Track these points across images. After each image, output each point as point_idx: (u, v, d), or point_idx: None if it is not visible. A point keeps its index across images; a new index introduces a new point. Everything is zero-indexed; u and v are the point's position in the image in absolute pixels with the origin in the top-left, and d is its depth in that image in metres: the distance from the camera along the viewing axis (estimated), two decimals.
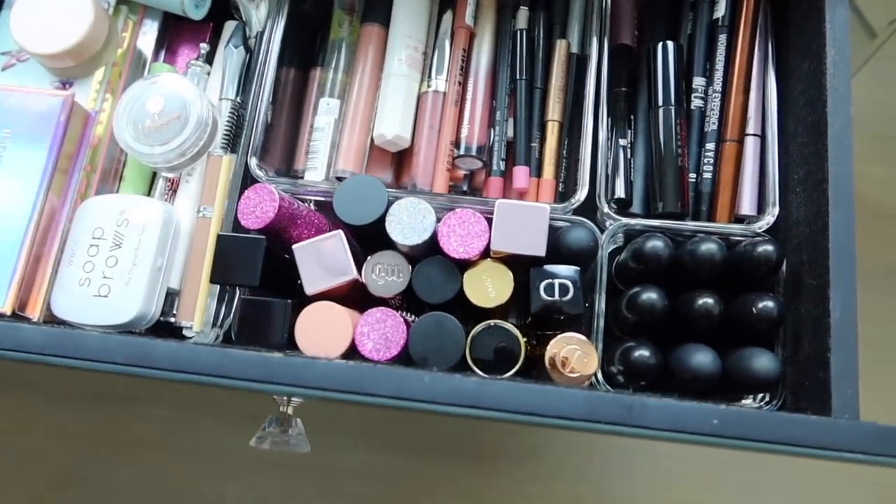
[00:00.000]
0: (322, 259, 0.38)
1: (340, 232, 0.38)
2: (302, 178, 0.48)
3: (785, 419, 0.32)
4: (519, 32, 0.48)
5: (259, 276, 0.38)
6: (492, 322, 0.38)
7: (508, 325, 0.38)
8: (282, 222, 0.40)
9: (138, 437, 0.66)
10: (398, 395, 0.33)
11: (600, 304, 0.41)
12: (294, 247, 0.38)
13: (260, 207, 0.39)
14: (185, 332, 0.45)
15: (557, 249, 0.40)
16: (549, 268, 0.39)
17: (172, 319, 0.45)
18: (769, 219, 0.42)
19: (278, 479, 0.64)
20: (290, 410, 0.41)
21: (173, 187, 0.48)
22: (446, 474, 0.65)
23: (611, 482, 0.65)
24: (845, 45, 0.39)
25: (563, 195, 0.47)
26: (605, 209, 0.43)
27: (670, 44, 0.45)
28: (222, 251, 0.40)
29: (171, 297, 0.45)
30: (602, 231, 0.43)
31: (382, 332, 0.38)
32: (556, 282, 0.39)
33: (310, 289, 0.38)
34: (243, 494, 0.64)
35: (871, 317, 0.90)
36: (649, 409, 0.32)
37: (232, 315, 0.44)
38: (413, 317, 0.43)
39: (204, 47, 0.51)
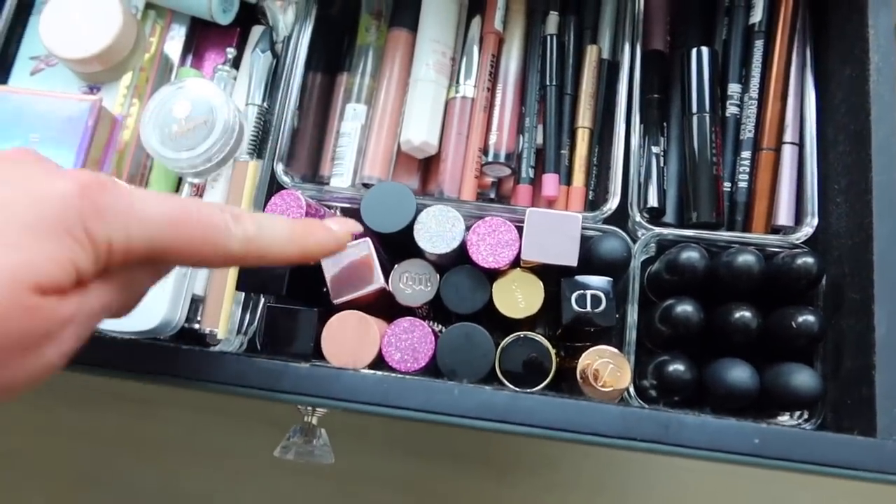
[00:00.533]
0: (349, 267, 0.37)
1: (368, 240, 0.38)
2: (328, 184, 0.48)
3: (829, 439, 0.31)
4: (549, 37, 0.47)
5: (286, 284, 0.38)
6: (522, 334, 0.37)
7: (539, 337, 0.37)
8: None
9: (158, 439, 0.65)
10: (426, 408, 0.32)
11: (632, 315, 0.40)
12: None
13: (287, 214, 0.39)
14: (209, 340, 0.44)
15: (589, 259, 0.39)
16: (580, 278, 0.38)
17: (197, 326, 0.45)
18: (808, 230, 0.40)
19: (298, 484, 0.64)
20: (314, 420, 0.41)
21: (199, 192, 0.48)
22: (464, 482, 0.64)
23: (628, 494, 0.64)
24: (890, 51, 0.38)
25: (593, 203, 0.46)
26: (638, 218, 0.42)
27: (705, 49, 0.44)
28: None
29: (195, 303, 0.45)
30: (634, 241, 0.42)
31: (410, 342, 0.37)
32: (588, 293, 0.38)
33: (336, 297, 0.37)
34: (263, 498, 0.64)
35: None
36: (687, 426, 0.31)
37: (257, 323, 0.44)
38: (440, 326, 0.42)
39: (231, 52, 0.51)
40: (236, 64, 0.51)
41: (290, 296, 0.39)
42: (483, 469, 0.64)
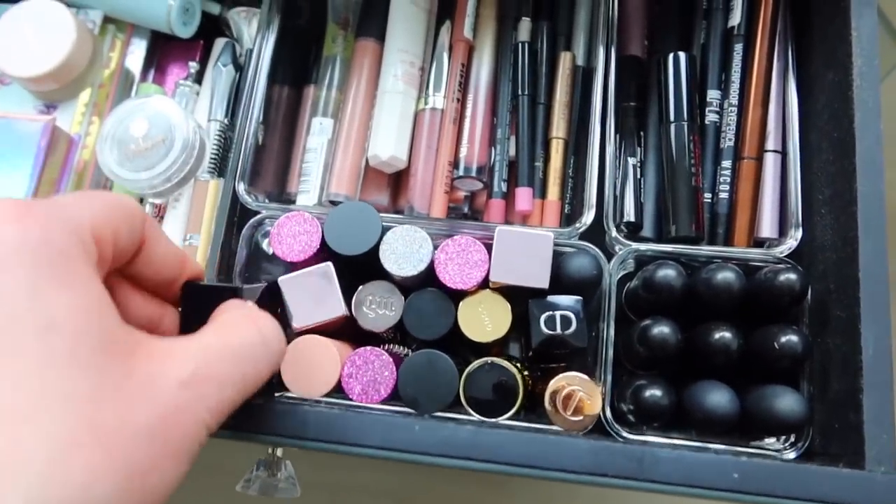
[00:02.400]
0: (310, 293, 0.36)
1: (329, 265, 0.36)
2: (293, 202, 0.46)
3: (814, 472, 0.29)
4: (521, 45, 0.45)
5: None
6: (488, 359, 0.35)
7: (506, 363, 0.35)
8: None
9: None
10: (385, 445, 0.30)
11: (608, 334, 0.38)
12: (280, 279, 0.36)
13: (298, 236, 0.37)
14: None
15: (559, 278, 0.37)
16: (550, 299, 0.36)
17: None
18: (791, 243, 0.39)
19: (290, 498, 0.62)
20: (279, 453, 0.39)
21: (160, 213, 0.46)
22: (460, 493, 0.62)
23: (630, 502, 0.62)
24: (873, 55, 0.36)
25: (569, 217, 0.44)
26: (614, 233, 0.40)
27: (682, 55, 0.42)
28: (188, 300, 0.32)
29: None
30: (610, 256, 0.40)
31: (371, 374, 0.35)
32: (558, 314, 0.36)
33: (298, 323, 0.36)
34: None
35: None
36: (661, 461, 0.29)
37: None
38: (406, 350, 0.40)
39: (193, 66, 0.49)
40: (199, 78, 0.50)
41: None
42: (480, 480, 0.63)
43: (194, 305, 0.30)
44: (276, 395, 0.35)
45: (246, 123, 0.45)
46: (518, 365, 0.37)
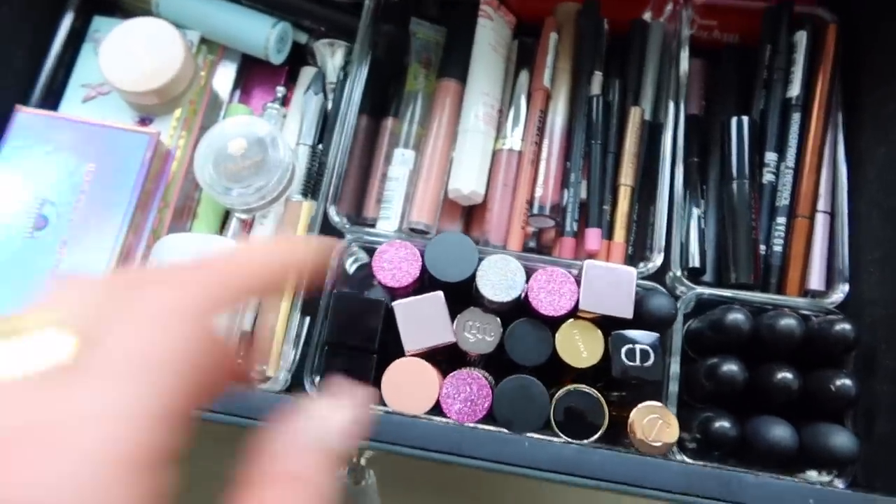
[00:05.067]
0: (421, 318, 0.38)
1: (440, 293, 0.39)
2: (373, 226, 0.49)
3: (880, 502, 0.33)
4: (595, 98, 0.49)
5: (378, 339, 0.39)
6: (573, 386, 0.39)
7: (591, 390, 0.39)
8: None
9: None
10: (498, 458, 0.33)
11: (674, 370, 0.42)
12: (395, 305, 0.38)
13: (398, 266, 0.40)
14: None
15: (638, 314, 0.40)
16: (628, 333, 0.40)
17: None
18: (839, 295, 0.43)
19: None
20: (363, 462, 0.41)
21: (247, 229, 0.49)
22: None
23: None
24: None
25: (631, 258, 0.48)
26: (679, 275, 0.44)
27: (745, 118, 0.46)
28: (339, 311, 0.40)
29: (242, 339, 0.45)
30: (676, 298, 0.44)
31: (468, 395, 0.38)
32: (637, 347, 0.40)
33: (409, 347, 0.38)
34: None
35: None
36: (748, 485, 0.33)
37: (321, 321, 0.43)
38: (485, 373, 0.43)
39: (281, 90, 0.52)
40: (284, 102, 0.52)
41: (381, 351, 0.40)
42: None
43: (342, 314, 0.33)
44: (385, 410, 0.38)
45: (337, 150, 0.48)
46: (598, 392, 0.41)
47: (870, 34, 0.47)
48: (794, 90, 0.47)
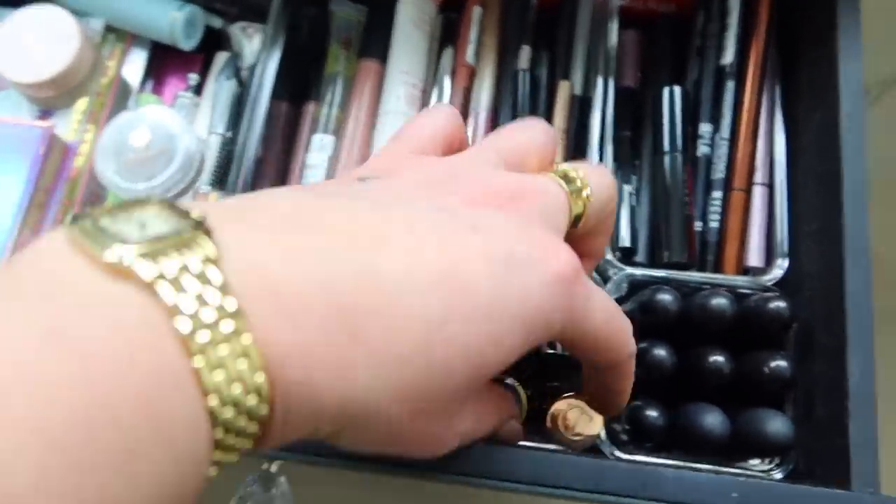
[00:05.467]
0: None
1: None
2: None
3: (809, 493, 0.30)
4: (521, 72, 0.47)
5: None
6: (493, 380, 0.36)
7: (511, 381, 0.36)
8: None
9: None
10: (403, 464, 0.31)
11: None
12: None
13: None
14: None
15: None
16: None
17: None
18: (778, 271, 0.40)
19: None
20: (274, 468, 0.39)
21: None
22: None
23: None
24: (859, 99, 0.38)
25: None
26: (609, 257, 0.41)
27: (677, 89, 0.44)
28: None
29: None
30: (605, 280, 0.41)
31: None
32: None
33: None
34: None
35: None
36: (666, 481, 0.30)
37: None
38: None
39: (193, 78, 0.50)
40: (198, 91, 0.50)
41: None
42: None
43: None
44: None
45: (247, 138, 0.45)
46: (520, 384, 0.38)
47: None
48: (728, 57, 0.45)
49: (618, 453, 0.38)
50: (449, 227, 0.21)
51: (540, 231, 0.23)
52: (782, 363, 0.36)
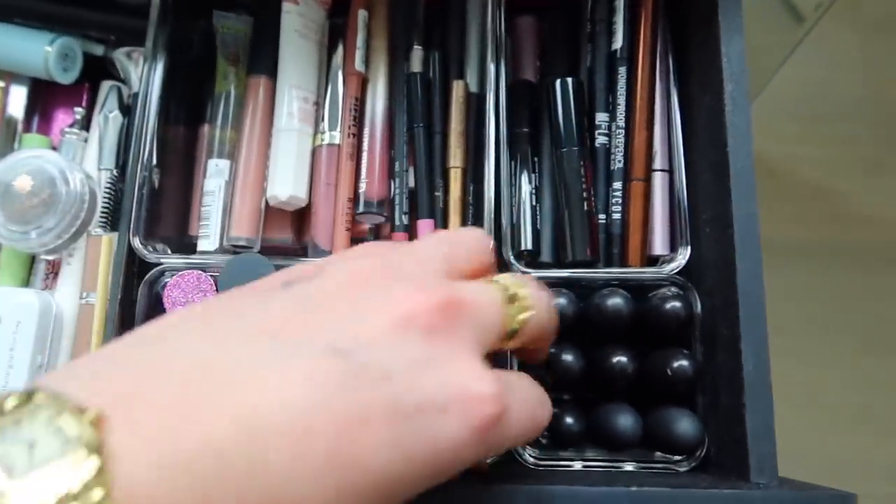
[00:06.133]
0: None
1: None
2: (194, 249, 0.45)
3: (701, 496, 0.30)
4: (413, 76, 0.45)
5: None
6: None
7: None
8: None
9: None
10: None
11: (512, 361, 0.39)
12: None
13: (191, 299, 0.36)
14: None
15: None
16: None
17: None
18: (680, 261, 0.40)
19: None
20: None
21: (55, 270, 0.45)
22: None
23: None
24: (743, 79, 0.37)
25: None
26: (512, 261, 0.41)
27: (569, 80, 0.43)
28: None
29: None
30: None
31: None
32: None
33: None
34: None
35: (817, 293, 0.90)
36: (556, 497, 0.30)
37: None
38: None
39: (79, 112, 0.48)
40: (87, 124, 0.48)
41: None
42: None
43: None
44: None
45: (136, 170, 0.43)
46: None
47: None
48: (618, 42, 0.43)
49: (532, 458, 0.38)
50: (353, 381, 0.20)
51: (466, 363, 0.22)
52: (684, 362, 0.36)
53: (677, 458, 0.38)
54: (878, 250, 0.96)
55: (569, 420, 0.38)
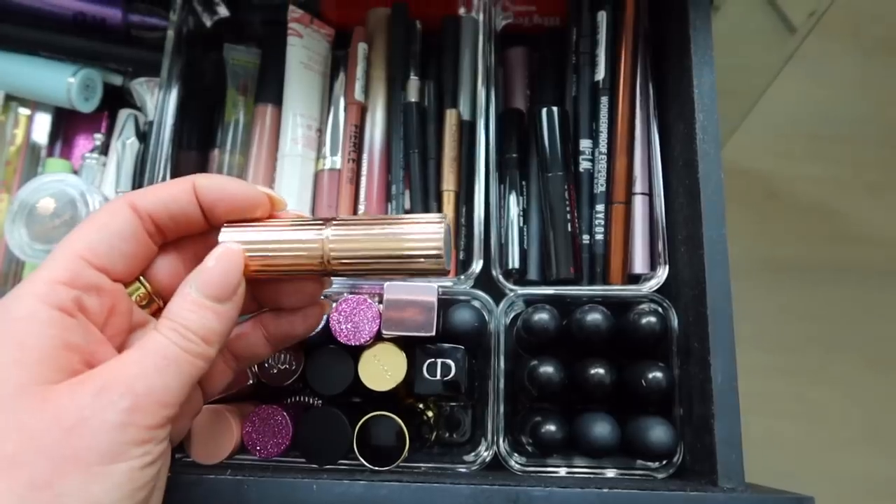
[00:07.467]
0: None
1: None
2: None
3: (666, 498, 0.33)
4: (409, 105, 0.48)
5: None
6: (375, 413, 0.38)
7: (391, 416, 0.38)
8: None
9: None
10: None
11: (498, 372, 0.41)
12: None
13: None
14: None
15: (446, 329, 0.40)
16: (432, 347, 0.39)
17: None
18: (659, 279, 0.42)
19: None
20: None
21: None
22: None
23: None
24: (713, 110, 0.40)
25: (465, 264, 0.47)
26: (501, 279, 0.43)
27: (555, 109, 0.45)
28: None
29: None
30: (497, 303, 0.43)
31: (271, 428, 0.38)
32: (439, 361, 0.39)
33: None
34: None
35: (819, 312, 0.91)
36: (536, 499, 0.33)
37: None
38: (316, 399, 0.43)
39: (98, 138, 0.51)
40: (106, 149, 0.51)
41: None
42: None
43: None
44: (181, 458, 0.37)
45: None
46: (421, 406, 0.41)
47: (674, 8, 0.46)
48: (600, 73, 0.46)
49: (518, 464, 0.41)
50: None
51: None
52: (659, 374, 0.39)
53: (655, 465, 0.40)
54: (880, 268, 0.97)
55: (551, 428, 0.40)
